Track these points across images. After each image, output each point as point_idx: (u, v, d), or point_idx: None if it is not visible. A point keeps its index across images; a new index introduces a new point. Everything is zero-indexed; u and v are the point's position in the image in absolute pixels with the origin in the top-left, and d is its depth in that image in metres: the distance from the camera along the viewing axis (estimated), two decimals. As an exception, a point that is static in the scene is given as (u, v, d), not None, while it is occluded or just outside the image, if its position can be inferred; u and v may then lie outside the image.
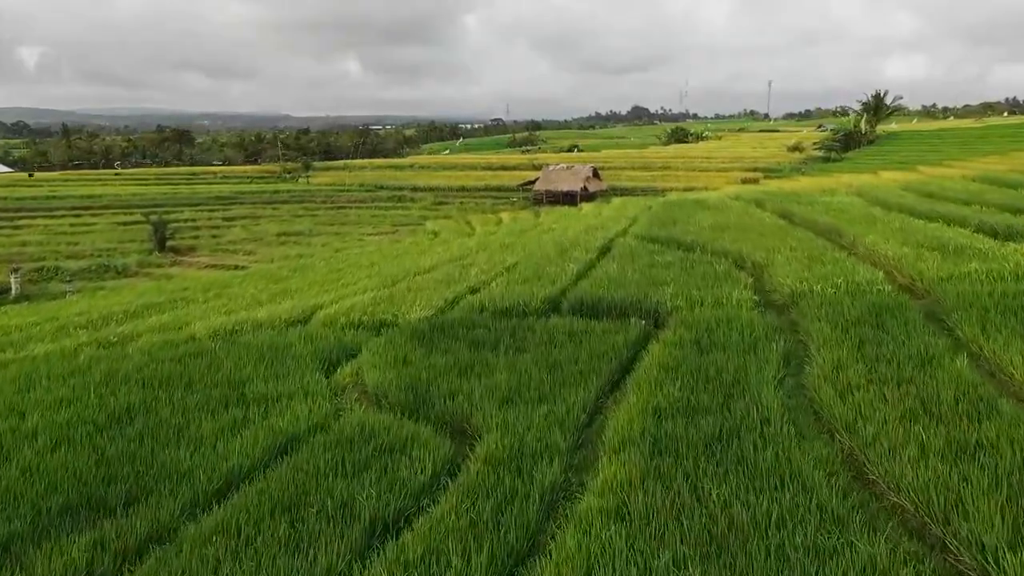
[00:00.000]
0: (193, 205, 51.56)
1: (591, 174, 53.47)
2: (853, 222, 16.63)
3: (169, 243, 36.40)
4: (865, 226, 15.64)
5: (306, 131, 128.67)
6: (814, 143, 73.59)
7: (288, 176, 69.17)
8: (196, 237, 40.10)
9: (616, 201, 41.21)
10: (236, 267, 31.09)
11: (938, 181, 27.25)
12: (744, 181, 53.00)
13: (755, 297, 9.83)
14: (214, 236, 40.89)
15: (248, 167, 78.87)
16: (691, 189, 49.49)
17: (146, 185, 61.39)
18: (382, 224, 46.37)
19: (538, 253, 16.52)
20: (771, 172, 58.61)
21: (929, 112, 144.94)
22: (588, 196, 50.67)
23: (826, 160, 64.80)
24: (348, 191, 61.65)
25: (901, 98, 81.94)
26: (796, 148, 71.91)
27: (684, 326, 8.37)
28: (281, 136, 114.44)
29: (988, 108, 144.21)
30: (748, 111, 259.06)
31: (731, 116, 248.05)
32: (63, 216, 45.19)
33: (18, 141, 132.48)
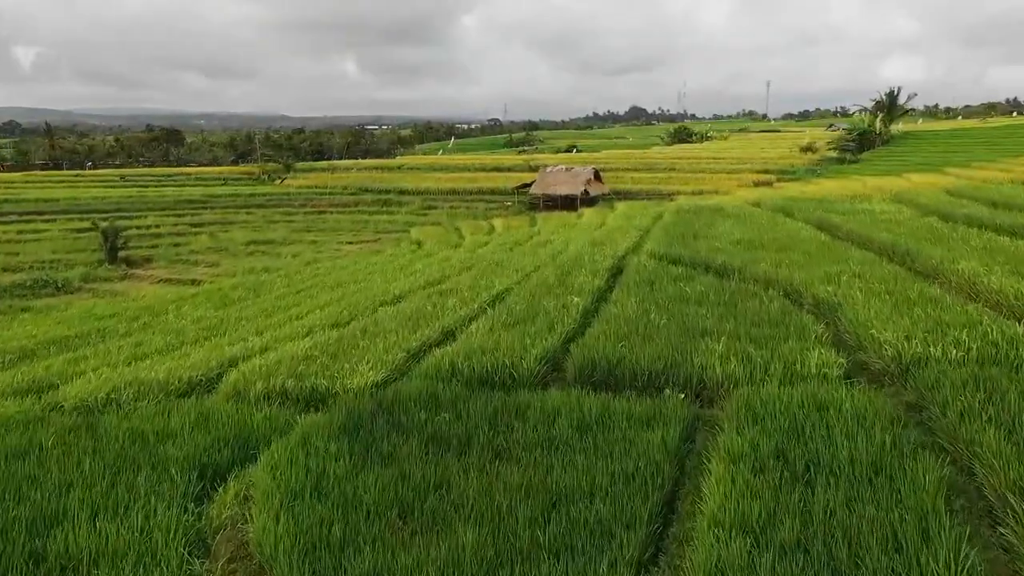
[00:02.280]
0: (159, 210, 48.52)
1: (592, 176, 50.74)
2: (919, 239, 13.96)
3: (123, 253, 33.41)
4: (939, 245, 12.96)
5: (300, 131, 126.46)
6: (828, 143, 71.07)
7: (267, 178, 66.28)
8: (155, 246, 37.02)
9: (620, 207, 38.48)
10: (193, 282, 28.19)
11: (990, 186, 24.63)
12: (756, 184, 50.41)
13: (841, 359, 7.09)
14: (176, 245, 37.85)
15: (224, 168, 75.90)
16: (700, 193, 46.83)
17: (111, 188, 58.30)
18: (364, 231, 43.45)
19: (533, 277, 13.80)
20: (784, 174, 56.03)
21: (932, 112, 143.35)
22: (589, 200, 47.97)
23: (841, 161, 62.27)
24: (331, 194, 58.78)
25: (916, 95, 79.57)
26: (809, 148, 69.33)
27: (753, 418, 5.63)
28: (274, 136, 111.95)
29: (991, 108, 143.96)
30: (746, 111, 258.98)
31: (729, 116, 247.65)
32: (12, 222, 42.08)
33: (7, 140, 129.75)
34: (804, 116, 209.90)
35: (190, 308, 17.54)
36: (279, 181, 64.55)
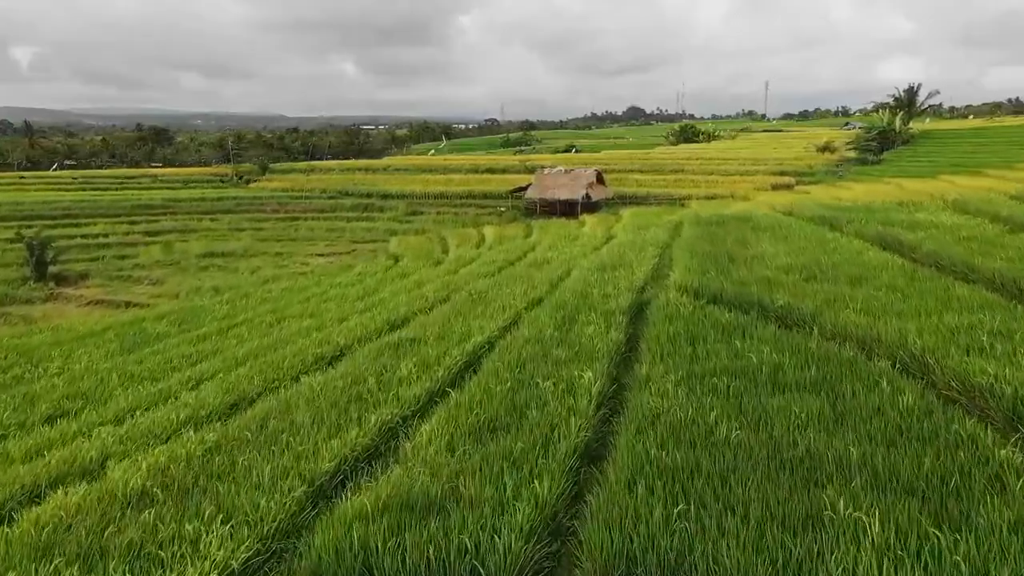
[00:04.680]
0: (112, 216, 44.87)
1: (595, 179, 47.32)
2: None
3: (55, 268, 29.84)
4: (1088, 281, 9.64)
5: (294, 130, 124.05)
6: (847, 143, 67.99)
7: (236, 179, 62.77)
8: (97, 259, 33.39)
9: (627, 214, 35.19)
10: (127, 304, 24.73)
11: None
12: (775, 187, 47.19)
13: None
14: (122, 258, 34.21)
15: (194, 169, 72.32)
16: (714, 197, 43.56)
17: (64, 191, 54.67)
18: (338, 241, 39.91)
19: (525, 322, 10.41)
20: (803, 176, 52.88)
21: (937, 112, 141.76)
22: (591, 205, 44.56)
23: (863, 162, 59.15)
24: (307, 198, 55.29)
25: (938, 93, 76.62)
26: (826, 148, 66.24)
27: None
28: (265, 135, 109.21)
29: (996, 108, 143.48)
30: (746, 111, 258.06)
31: (728, 116, 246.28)
32: (-61, 231, 38.54)
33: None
34: (804, 116, 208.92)
35: (86, 351, 14.13)
36: (253, 182, 61.07)
